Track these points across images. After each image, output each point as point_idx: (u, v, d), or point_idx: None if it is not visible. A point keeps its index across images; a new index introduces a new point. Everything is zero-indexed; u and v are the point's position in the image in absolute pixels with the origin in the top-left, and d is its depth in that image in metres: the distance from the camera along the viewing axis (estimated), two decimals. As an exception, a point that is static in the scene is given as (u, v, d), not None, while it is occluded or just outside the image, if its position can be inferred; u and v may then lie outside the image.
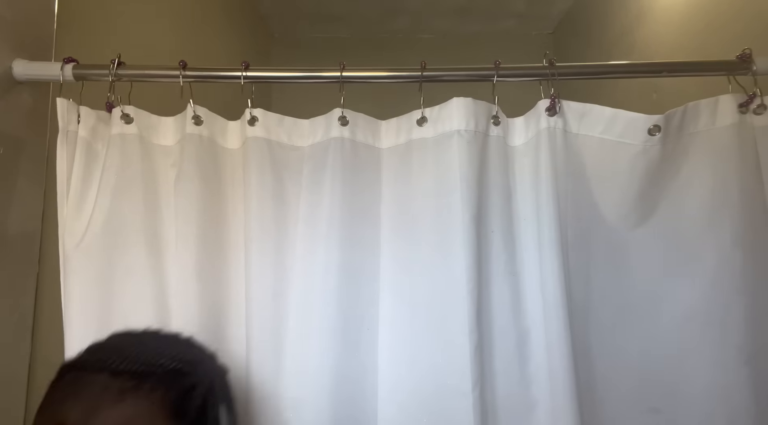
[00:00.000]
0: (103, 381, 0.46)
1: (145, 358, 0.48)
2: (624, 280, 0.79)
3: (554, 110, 0.78)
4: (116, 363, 0.47)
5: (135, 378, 0.46)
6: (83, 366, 0.48)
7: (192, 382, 0.49)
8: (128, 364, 0.47)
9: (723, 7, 1.12)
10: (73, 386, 0.47)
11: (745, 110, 0.78)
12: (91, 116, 0.81)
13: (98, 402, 0.44)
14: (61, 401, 0.45)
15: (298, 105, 1.07)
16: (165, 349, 0.51)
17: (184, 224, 0.78)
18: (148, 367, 0.47)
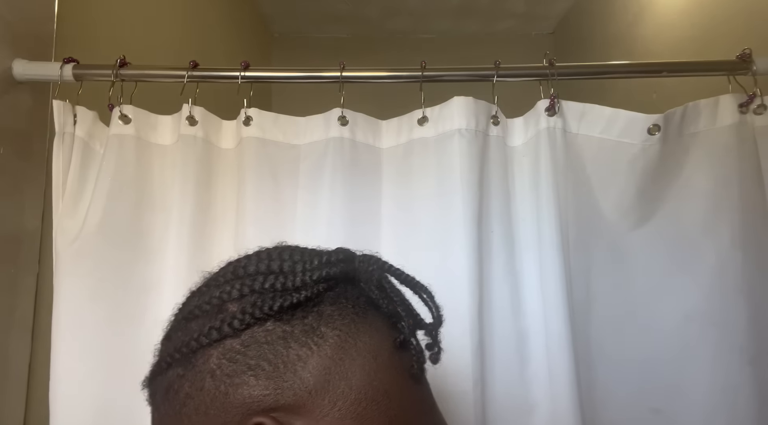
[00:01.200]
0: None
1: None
2: (624, 280, 0.79)
3: (554, 110, 0.78)
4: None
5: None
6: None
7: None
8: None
9: (723, 7, 1.12)
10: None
11: (746, 110, 0.78)
12: (89, 116, 0.81)
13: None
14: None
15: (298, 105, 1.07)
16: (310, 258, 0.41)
17: (179, 225, 0.78)
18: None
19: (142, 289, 0.79)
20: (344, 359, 0.35)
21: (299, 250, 0.41)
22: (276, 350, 0.35)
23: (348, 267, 0.40)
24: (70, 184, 0.79)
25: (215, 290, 0.38)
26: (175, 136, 0.82)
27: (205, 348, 0.35)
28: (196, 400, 0.35)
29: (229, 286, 0.37)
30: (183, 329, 0.38)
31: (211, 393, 0.34)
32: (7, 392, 0.75)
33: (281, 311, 0.36)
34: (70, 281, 0.75)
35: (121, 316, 0.77)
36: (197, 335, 0.36)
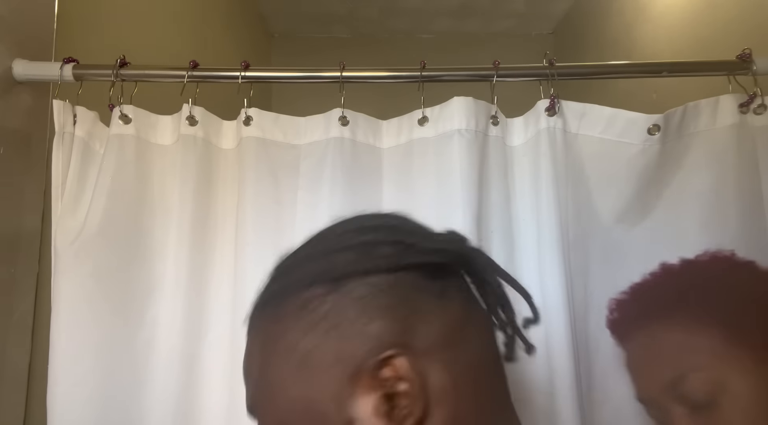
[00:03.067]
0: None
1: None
2: (624, 280, 0.79)
3: (554, 110, 0.78)
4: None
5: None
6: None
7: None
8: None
9: (723, 7, 1.12)
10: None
11: (746, 110, 0.78)
12: (89, 116, 0.81)
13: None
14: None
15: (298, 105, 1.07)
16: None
17: (179, 225, 0.78)
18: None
19: (142, 289, 0.79)
20: (466, 326, 0.40)
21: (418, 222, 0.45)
22: (418, 297, 0.38)
23: (465, 250, 0.43)
24: (70, 184, 0.79)
25: (366, 233, 0.41)
26: (175, 136, 0.82)
27: (354, 277, 0.38)
28: (334, 320, 0.37)
29: (381, 233, 0.40)
30: (327, 258, 0.40)
31: (351, 317, 0.36)
32: (7, 392, 0.75)
33: (426, 267, 0.39)
34: (69, 281, 0.75)
35: (121, 316, 0.77)
36: (349, 264, 0.38)
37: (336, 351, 0.36)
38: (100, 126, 0.82)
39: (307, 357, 0.37)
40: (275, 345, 0.39)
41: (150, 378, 0.77)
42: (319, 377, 0.36)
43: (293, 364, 0.37)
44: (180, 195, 0.79)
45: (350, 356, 0.35)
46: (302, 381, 0.37)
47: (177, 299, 0.77)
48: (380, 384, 0.35)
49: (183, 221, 0.79)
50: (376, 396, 0.34)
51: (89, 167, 0.80)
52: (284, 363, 0.38)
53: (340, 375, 0.35)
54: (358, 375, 0.35)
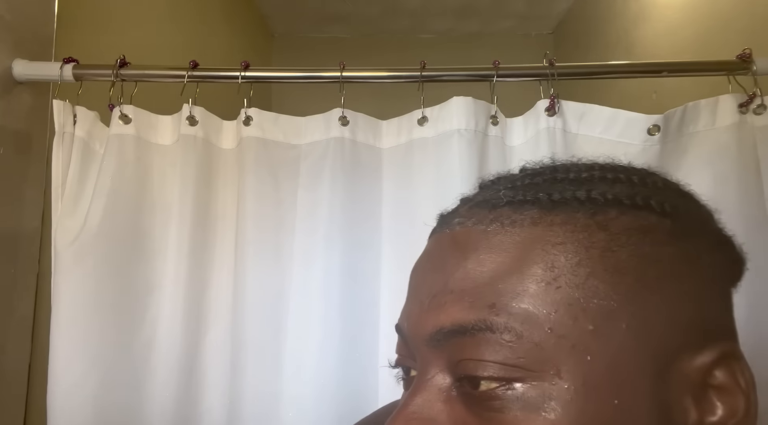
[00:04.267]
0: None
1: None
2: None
3: (553, 110, 0.78)
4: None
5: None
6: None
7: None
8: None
9: (723, 7, 1.12)
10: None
11: (745, 110, 0.77)
12: (89, 116, 0.81)
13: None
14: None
15: (298, 105, 1.07)
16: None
17: (179, 225, 0.78)
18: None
19: (142, 289, 0.79)
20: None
21: None
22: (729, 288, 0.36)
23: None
24: (70, 184, 0.79)
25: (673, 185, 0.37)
26: (175, 136, 0.82)
27: (704, 239, 0.33)
28: (680, 269, 0.30)
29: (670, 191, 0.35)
30: (658, 191, 0.33)
31: (699, 281, 0.30)
32: (7, 392, 0.75)
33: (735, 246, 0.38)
34: (69, 281, 0.75)
35: (121, 316, 0.77)
36: (705, 212, 0.35)
37: (663, 309, 0.28)
38: (100, 126, 0.82)
39: (628, 296, 0.28)
40: (575, 255, 0.29)
41: (150, 378, 0.77)
42: (633, 330, 0.27)
43: (599, 292, 0.28)
44: (180, 195, 0.79)
45: (680, 326, 0.28)
46: (607, 324, 0.27)
47: (177, 298, 0.77)
48: (701, 388, 0.29)
49: (183, 221, 0.79)
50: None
51: (89, 167, 0.80)
52: (585, 284, 0.28)
53: (657, 343, 0.28)
54: (674, 361, 0.28)
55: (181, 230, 0.79)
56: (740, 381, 0.28)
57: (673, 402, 0.27)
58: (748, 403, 0.28)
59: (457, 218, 0.35)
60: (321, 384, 0.75)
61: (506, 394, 0.26)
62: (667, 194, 0.33)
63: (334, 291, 0.77)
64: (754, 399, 0.28)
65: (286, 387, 0.76)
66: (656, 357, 0.27)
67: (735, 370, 0.29)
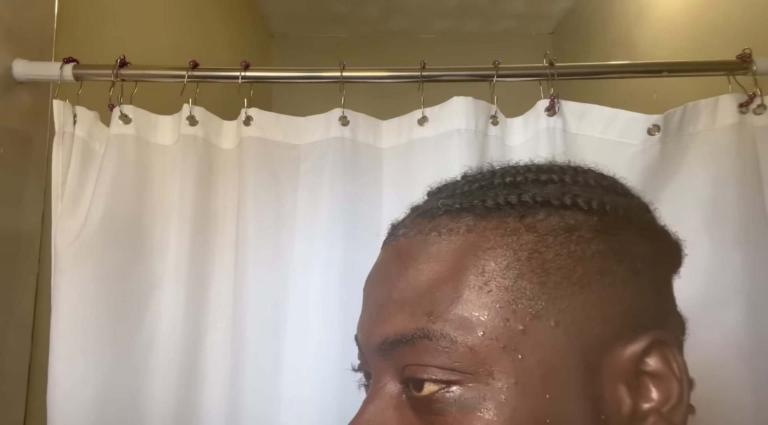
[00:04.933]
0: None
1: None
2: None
3: (553, 110, 0.78)
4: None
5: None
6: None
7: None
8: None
9: (723, 8, 1.12)
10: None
11: (745, 110, 0.78)
12: (89, 116, 0.81)
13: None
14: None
15: (298, 105, 1.07)
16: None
17: (179, 225, 0.78)
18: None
19: (142, 289, 0.79)
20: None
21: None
22: (669, 278, 0.37)
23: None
24: (70, 184, 0.79)
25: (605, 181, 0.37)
26: (175, 136, 0.82)
27: (633, 230, 0.33)
28: (604, 265, 0.30)
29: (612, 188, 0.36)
30: (587, 188, 0.34)
31: (625, 275, 0.31)
32: (7, 392, 0.75)
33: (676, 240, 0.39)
34: (69, 281, 0.75)
35: (121, 316, 0.77)
36: (630, 208, 0.34)
37: (591, 306, 0.29)
38: (100, 126, 0.82)
39: (553, 295, 0.29)
40: (503, 258, 0.30)
41: (150, 377, 0.77)
42: (561, 327, 0.28)
43: (527, 293, 0.29)
44: (180, 195, 0.79)
45: (610, 321, 0.29)
46: (536, 321, 0.28)
47: (177, 298, 0.77)
48: (634, 375, 0.29)
49: (183, 221, 0.79)
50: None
51: (89, 167, 0.80)
52: (513, 286, 0.29)
53: (590, 338, 0.28)
54: (608, 351, 0.29)
55: (181, 230, 0.79)
56: (673, 366, 0.29)
57: (606, 392, 0.28)
58: (681, 388, 0.29)
59: (402, 229, 0.37)
60: (321, 384, 0.75)
61: (445, 397, 0.28)
62: (596, 191, 0.34)
63: (334, 291, 0.77)
64: (687, 384, 0.29)
65: (286, 387, 0.76)
66: (587, 351, 0.28)
67: (668, 356, 0.29)
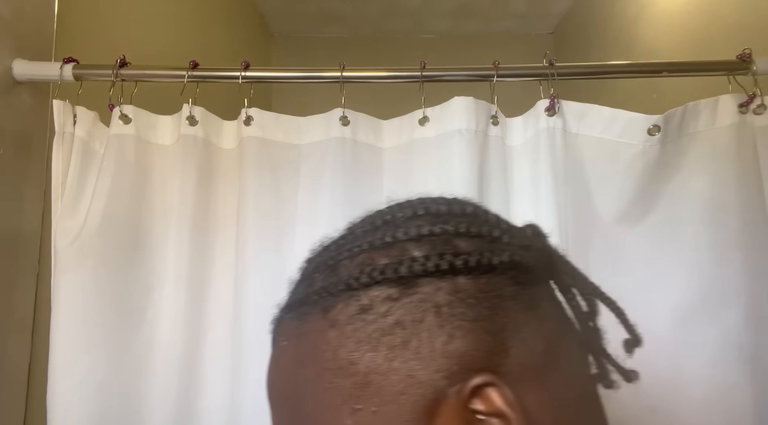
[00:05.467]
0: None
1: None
2: (623, 279, 0.79)
3: (554, 110, 0.78)
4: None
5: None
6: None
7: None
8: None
9: (723, 8, 1.12)
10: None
11: (745, 110, 0.78)
12: (89, 116, 0.81)
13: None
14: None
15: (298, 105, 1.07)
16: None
17: (179, 225, 0.78)
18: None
19: (142, 289, 0.79)
20: (563, 344, 0.32)
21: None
22: (508, 309, 0.30)
23: (549, 251, 0.36)
24: (70, 184, 0.79)
25: (433, 219, 0.33)
26: (175, 136, 0.82)
27: (432, 278, 0.30)
28: (407, 332, 0.29)
29: (453, 220, 0.33)
30: (391, 249, 0.32)
31: (430, 330, 0.29)
32: (7, 392, 0.75)
33: (517, 269, 0.31)
34: (69, 281, 0.75)
35: (121, 316, 0.77)
36: (424, 259, 0.30)
37: (407, 376, 0.28)
38: (100, 126, 0.82)
39: (367, 382, 0.29)
40: (318, 363, 0.31)
41: (150, 378, 0.77)
42: (383, 408, 0.29)
43: (346, 390, 0.30)
44: (180, 195, 0.79)
45: (427, 383, 0.28)
46: (359, 413, 0.29)
47: (177, 298, 0.77)
48: (468, 419, 0.28)
49: (183, 221, 0.79)
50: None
51: (89, 167, 0.80)
52: (332, 387, 0.30)
53: (412, 406, 0.28)
54: (437, 408, 0.28)
55: (181, 230, 0.79)
56: (498, 403, 0.28)
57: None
58: (510, 421, 0.28)
59: (275, 324, 0.39)
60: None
61: None
62: (397, 251, 0.32)
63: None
64: (520, 416, 0.28)
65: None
66: (416, 411, 0.28)
67: (493, 395, 0.28)
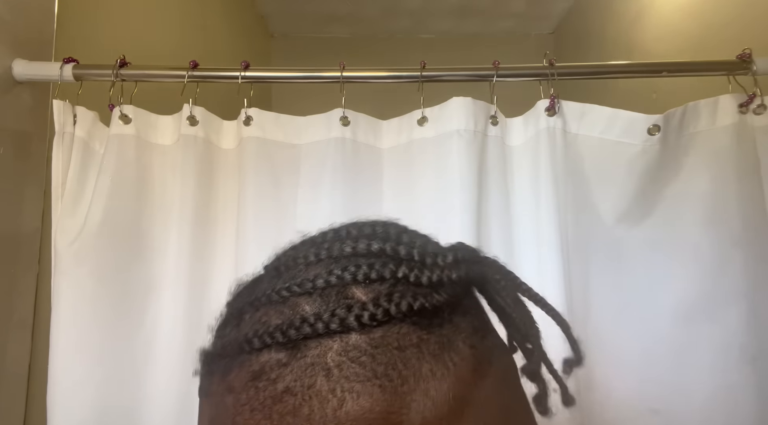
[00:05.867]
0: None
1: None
2: (624, 280, 0.79)
3: (553, 110, 0.78)
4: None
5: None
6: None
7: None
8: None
9: (723, 8, 1.12)
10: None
11: (745, 110, 0.78)
12: (89, 116, 0.81)
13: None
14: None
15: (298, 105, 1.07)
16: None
17: (179, 225, 0.78)
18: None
19: (142, 289, 0.79)
20: (480, 385, 0.28)
21: (416, 233, 0.34)
22: (409, 360, 0.27)
23: (479, 271, 0.33)
24: (70, 184, 0.79)
25: (331, 264, 0.30)
26: (175, 136, 0.82)
27: (321, 338, 0.27)
28: (298, 399, 0.27)
29: (352, 265, 0.30)
30: (286, 303, 0.29)
31: (321, 395, 0.26)
32: (7, 392, 0.75)
33: (420, 313, 0.28)
34: (69, 281, 0.75)
35: (121, 316, 0.77)
36: (313, 319, 0.28)
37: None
38: (100, 126, 0.82)
39: None
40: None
41: (150, 378, 0.77)
42: None
43: None
44: (180, 195, 0.79)
45: None
46: None
47: (177, 299, 0.77)
48: None
49: (183, 221, 0.79)
50: None
51: (89, 167, 0.80)
52: None
53: None
54: None
55: (181, 230, 0.79)
56: None
57: None
58: None
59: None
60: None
61: None
62: (279, 328, 0.29)
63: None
64: None
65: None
66: None
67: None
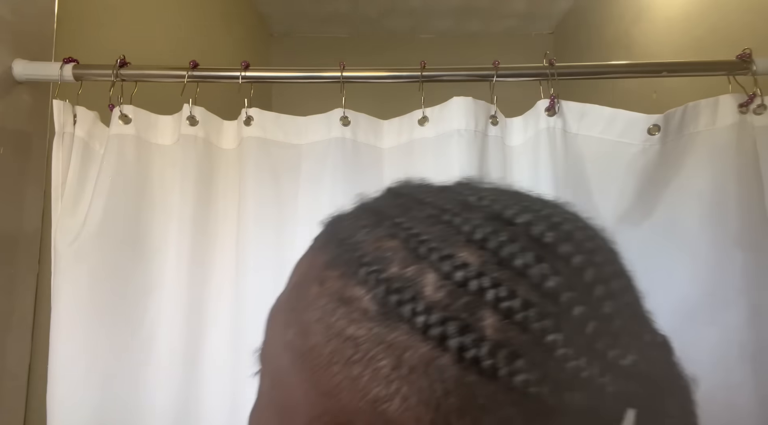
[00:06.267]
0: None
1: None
2: (624, 280, 0.79)
3: (553, 110, 0.78)
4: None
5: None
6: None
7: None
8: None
9: (723, 7, 1.12)
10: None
11: (745, 110, 0.78)
12: (89, 116, 0.81)
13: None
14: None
15: (298, 105, 1.07)
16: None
17: (179, 225, 0.78)
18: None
19: (142, 289, 0.79)
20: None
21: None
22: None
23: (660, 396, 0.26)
24: (69, 184, 0.79)
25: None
26: (175, 136, 0.82)
27: (427, 341, 0.22)
28: (362, 363, 0.23)
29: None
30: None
31: (381, 374, 0.22)
32: (7, 392, 0.75)
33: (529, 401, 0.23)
34: (69, 281, 0.75)
35: (121, 316, 0.77)
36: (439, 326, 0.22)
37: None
38: (100, 126, 0.82)
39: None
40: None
41: (150, 378, 0.77)
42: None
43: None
44: (180, 195, 0.79)
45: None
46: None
47: (177, 299, 0.77)
48: None
49: (183, 221, 0.79)
50: None
51: (89, 167, 0.80)
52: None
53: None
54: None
55: (181, 230, 0.79)
56: None
57: None
58: None
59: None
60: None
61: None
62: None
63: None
64: None
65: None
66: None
67: None
